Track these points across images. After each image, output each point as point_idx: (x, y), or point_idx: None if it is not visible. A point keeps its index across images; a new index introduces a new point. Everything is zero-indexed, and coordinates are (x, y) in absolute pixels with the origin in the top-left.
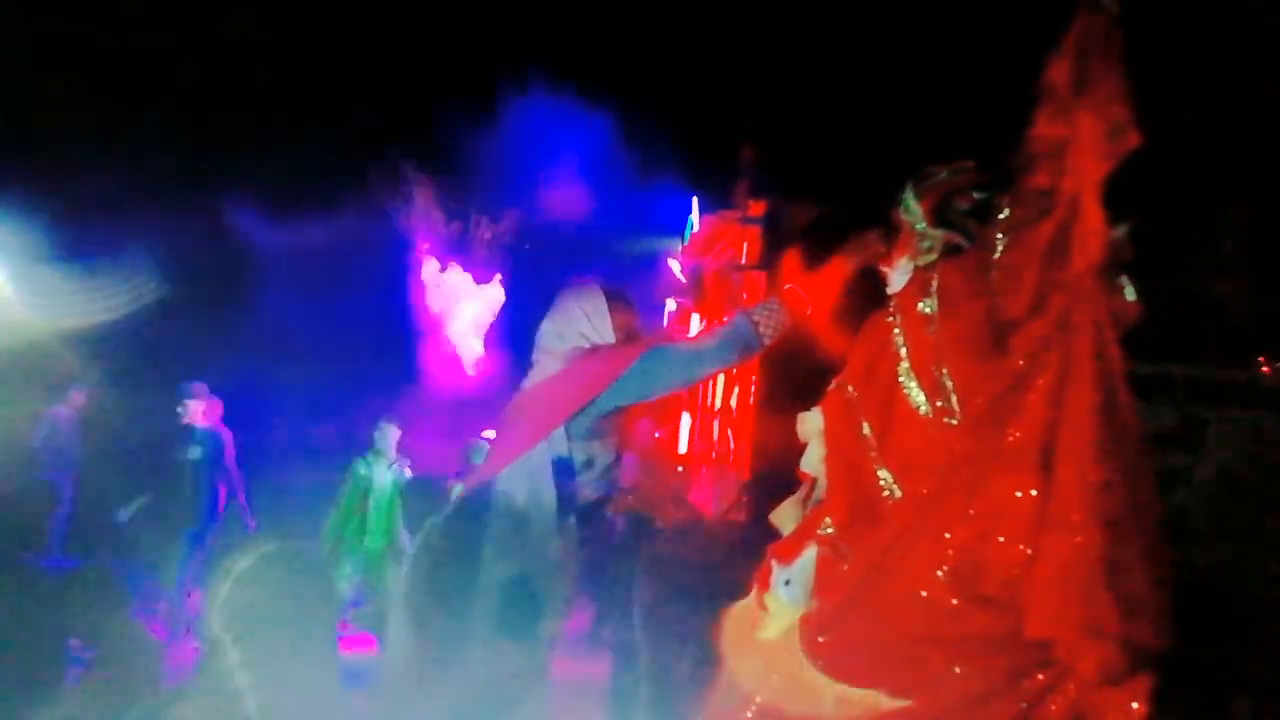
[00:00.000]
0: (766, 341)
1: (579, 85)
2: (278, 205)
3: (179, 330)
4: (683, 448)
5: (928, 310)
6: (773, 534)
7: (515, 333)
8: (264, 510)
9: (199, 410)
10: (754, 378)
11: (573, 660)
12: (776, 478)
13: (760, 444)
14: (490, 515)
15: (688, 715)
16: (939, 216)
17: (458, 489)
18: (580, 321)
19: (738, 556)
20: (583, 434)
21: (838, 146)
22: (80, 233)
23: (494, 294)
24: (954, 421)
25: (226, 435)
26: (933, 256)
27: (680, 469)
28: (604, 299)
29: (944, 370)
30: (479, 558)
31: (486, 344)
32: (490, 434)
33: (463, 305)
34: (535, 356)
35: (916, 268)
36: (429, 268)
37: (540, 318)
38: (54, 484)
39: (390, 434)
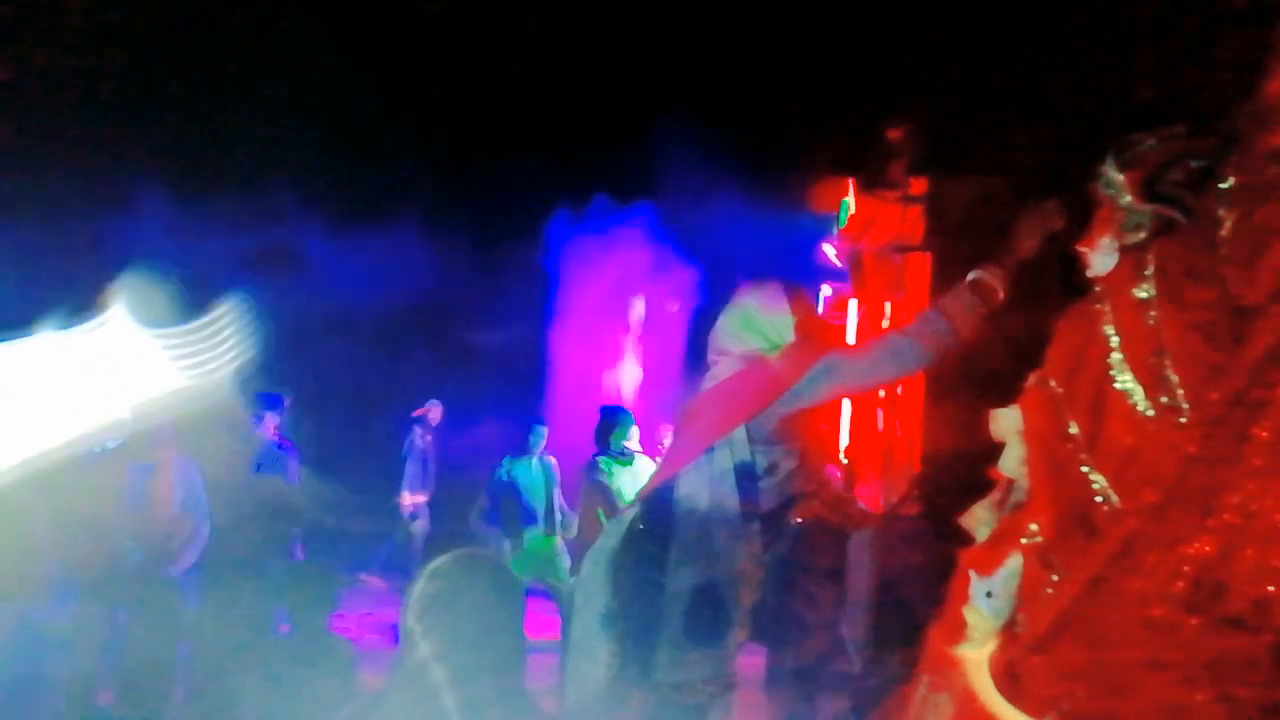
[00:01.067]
0: (964, 334)
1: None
2: (492, 234)
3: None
4: (844, 440)
5: (1144, 295)
6: (948, 531)
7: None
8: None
9: (271, 425)
10: None
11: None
12: (951, 470)
13: (932, 434)
14: (673, 521)
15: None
16: (1149, 190)
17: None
18: (759, 321)
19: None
20: (765, 438)
21: (1008, 114)
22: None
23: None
24: (1183, 420)
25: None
26: (1141, 235)
27: (844, 462)
28: (784, 298)
29: (1166, 362)
30: (664, 563)
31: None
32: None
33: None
34: (711, 358)
35: (1123, 248)
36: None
37: (708, 316)
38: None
39: (541, 435)
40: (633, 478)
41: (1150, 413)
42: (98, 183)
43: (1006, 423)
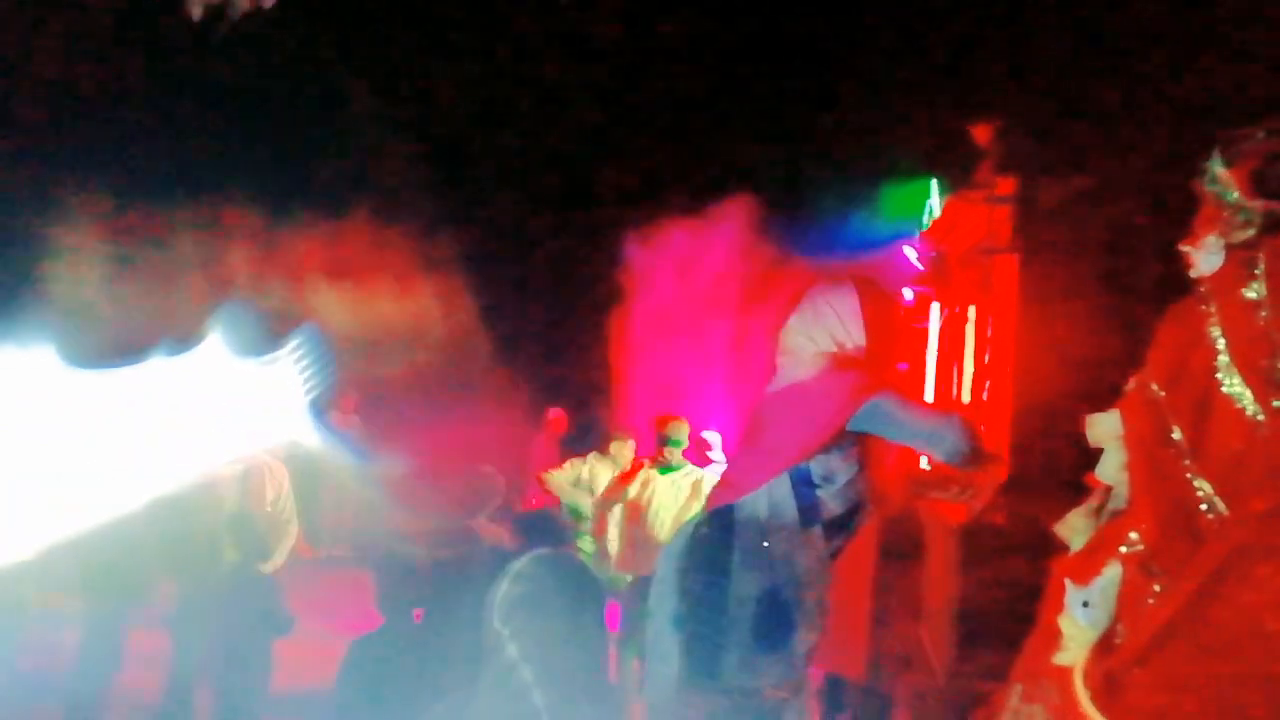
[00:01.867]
0: (964, 467)
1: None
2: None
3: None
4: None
5: (1254, 295)
6: (1037, 541)
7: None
8: None
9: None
10: (1009, 362)
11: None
12: (1038, 478)
13: (1020, 441)
14: (734, 527)
15: None
16: (1259, 185)
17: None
18: (830, 321)
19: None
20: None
21: (1097, 111)
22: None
23: None
24: None
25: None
26: (1250, 232)
27: (926, 466)
28: (857, 299)
29: (1278, 364)
30: (728, 568)
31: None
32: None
33: None
34: (780, 360)
35: (1230, 247)
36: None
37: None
38: None
39: (627, 448)
40: (672, 485)
41: (1260, 417)
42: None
43: (1105, 428)
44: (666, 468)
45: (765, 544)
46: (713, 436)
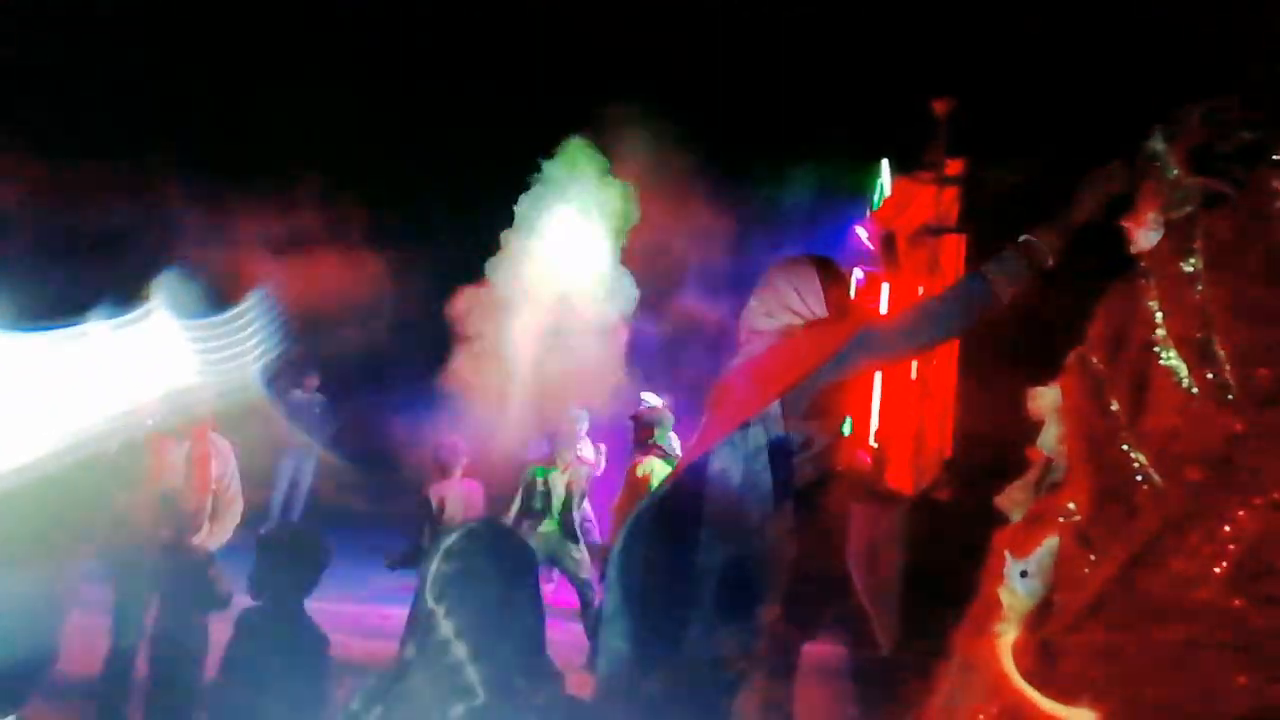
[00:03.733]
0: (1005, 299)
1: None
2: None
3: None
4: (875, 424)
5: (1190, 269)
6: (981, 515)
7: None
8: None
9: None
10: (954, 346)
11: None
12: (983, 455)
13: (964, 418)
14: (706, 497)
15: (916, 704)
16: (1197, 162)
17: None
18: (790, 298)
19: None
20: (799, 414)
21: (1045, 93)
22: None
23: None
24: (1230, 397)
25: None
26: (1188, 208)
27: (874, 447)
28: (815, 274)
29: (1213, 338)
30: (696, 540)
31: None
32: (652, 398)
33: None
34: (742, 337)
35: (1169, 222)
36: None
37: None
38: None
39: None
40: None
41: (1195, 390)
42: (135, 178)
43: (1045, 400)
44: (668, 458)
45: (737, 515)
46: (651, 397)
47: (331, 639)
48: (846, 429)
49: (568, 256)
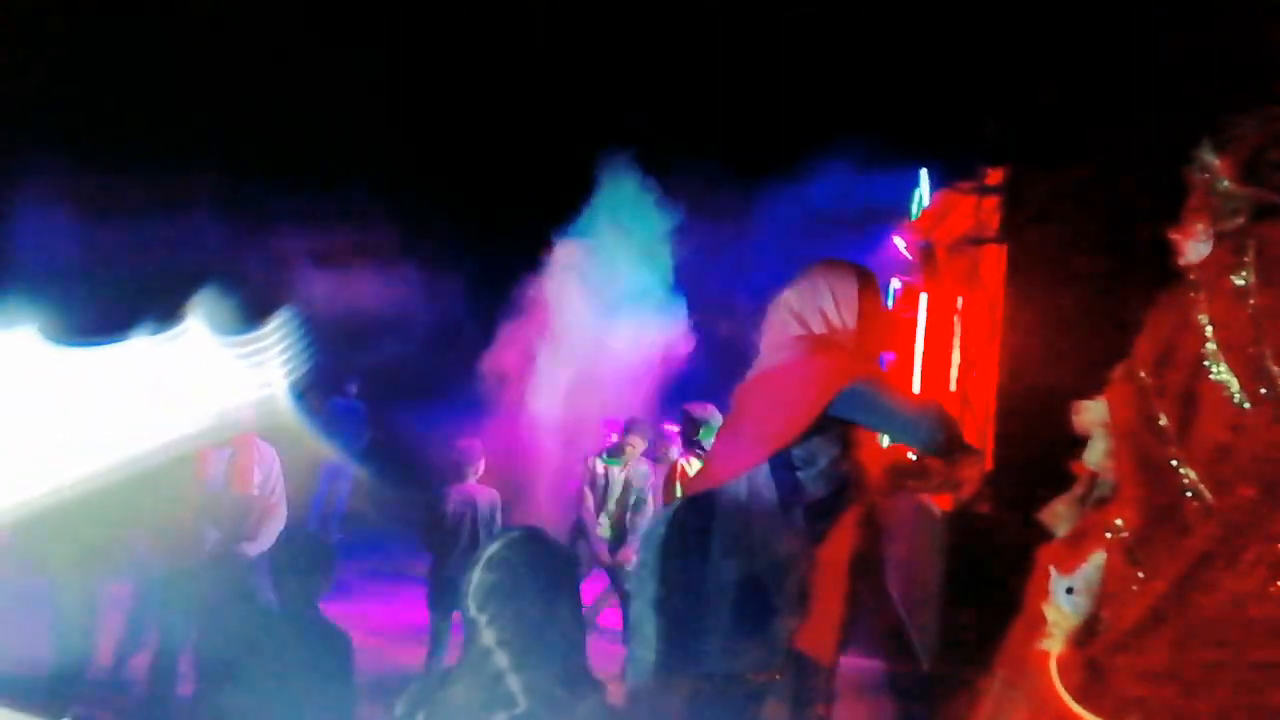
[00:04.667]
0: (942, 458)
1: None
2: None
3: None
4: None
5: (1242, 282)
6: (1021, 529)
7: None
8: None
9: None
10: (995, 353)
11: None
12: (1024, 469)
13: (1003, 431)
14: (714, 512)
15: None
16: (1248, 173)
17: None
18: (825, 299)
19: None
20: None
21: (1089, 102)
22: None
23: None
24: None
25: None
26: (1239, 220)
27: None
28: (856, 282)
29: (1265, 352)
30: (707, 554)
31: None
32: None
33: None
34: (764, 333)
35: (1219, 235)
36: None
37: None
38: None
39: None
40: None
41: (1247, 405)
42: (175, 195)
43: (1092, 415)
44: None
45: (746, 529)
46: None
47: (369, 644)
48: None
49: (609, 268)
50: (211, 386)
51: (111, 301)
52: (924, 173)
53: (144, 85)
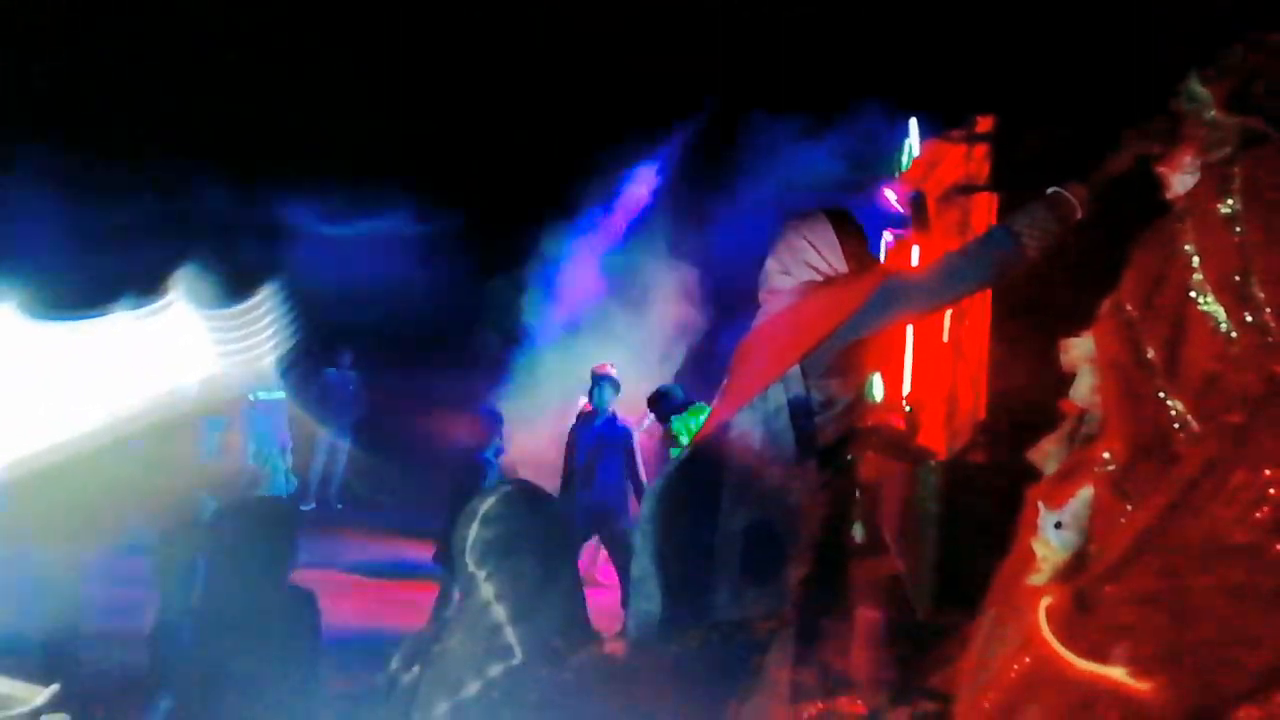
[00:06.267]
0: (1031, 253)
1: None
2: None
3: None
4: (907, 386)
5: (1228, 210)
6: (1021, 476)
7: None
8: None
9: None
10: (987, 302)
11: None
12: (1017, 416)
13: (997, 380)
14: (727, 460)
15: (950, 660)
16: (1236, 102)
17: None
18: (808, 253)
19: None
20: (820, 372)
21: (1078, 47)
22: None
23: None
24: (1269, 339)
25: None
26: (1226, 150)
27: (907, 409)
28: (831, 227)
29: (1252, 280)
30: (719, 503)
31: None
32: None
33: None
34: (762, 297)
35: (1206, 165)
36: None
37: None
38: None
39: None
40: None
41: (1234, 334)
42: (151, 175)
43: (1079, 351)
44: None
45: (757, 477)
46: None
47: (365, 609)
48: (875, 388)
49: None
50: (197, 358)
51: (92, 277)
52: (913, 123)
53: (125, 58)
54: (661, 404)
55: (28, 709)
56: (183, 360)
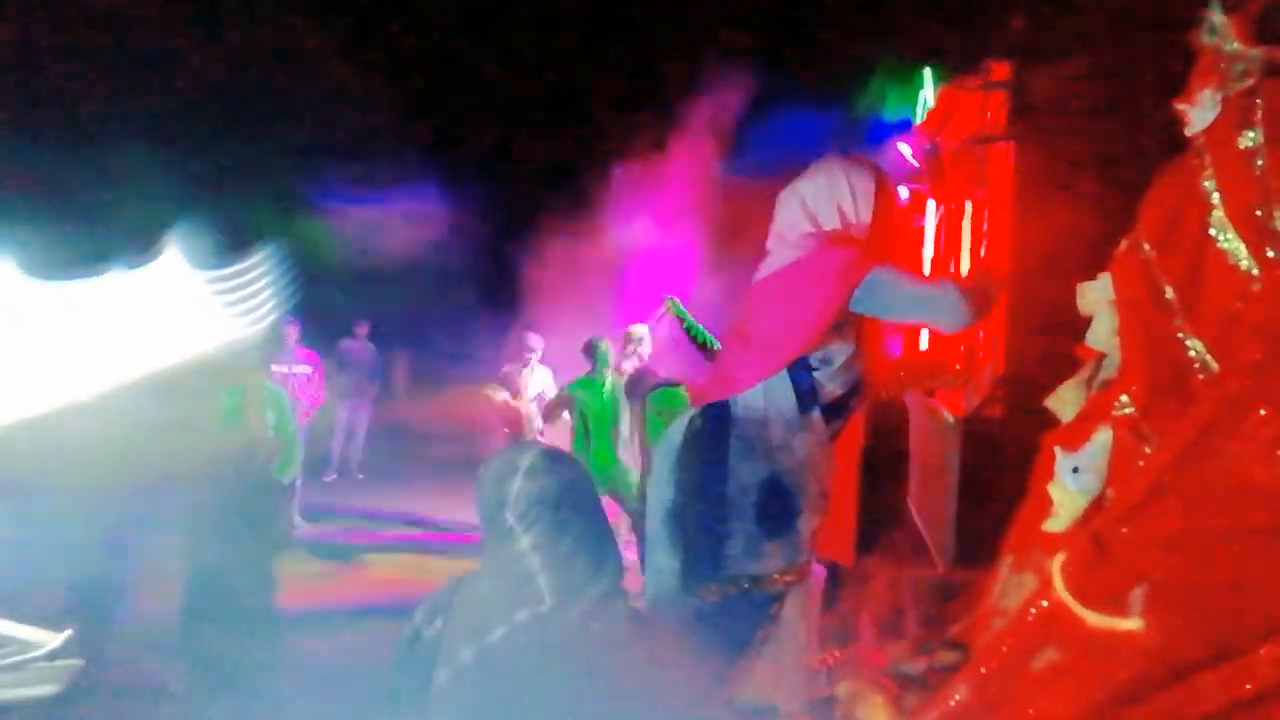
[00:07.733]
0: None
1: None
2: None
3: None
4: (924, 344)
5: (1250, 143)
6: (1035, 431)
7: None
8: None
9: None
10: (1006, 261)
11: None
12: (1036, 372)
13: (1015, 336)
14: (731, 418)
15: (969, 609)
16: (1260, 31)
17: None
18: (842, 191)
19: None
20: None
21: None
22: None
23: None
24: None
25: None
26: (1248, 81)
27: (926, 367)
28: (873, 177)
29: (1275, 213)
30: (727, 459)
31: None
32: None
33: None
34: (769, 243)
35: (1226, 98)
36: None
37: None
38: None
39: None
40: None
41: (1255, 271)
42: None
43: (1096, 294)
44: None
45: (763, 431)
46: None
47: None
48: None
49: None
50: (206, 322)
51: (85, 236)
52: (928, 73)
53: (122, 17)
54: (637, 385)
55: (43, 651)
56: (201, 328)
